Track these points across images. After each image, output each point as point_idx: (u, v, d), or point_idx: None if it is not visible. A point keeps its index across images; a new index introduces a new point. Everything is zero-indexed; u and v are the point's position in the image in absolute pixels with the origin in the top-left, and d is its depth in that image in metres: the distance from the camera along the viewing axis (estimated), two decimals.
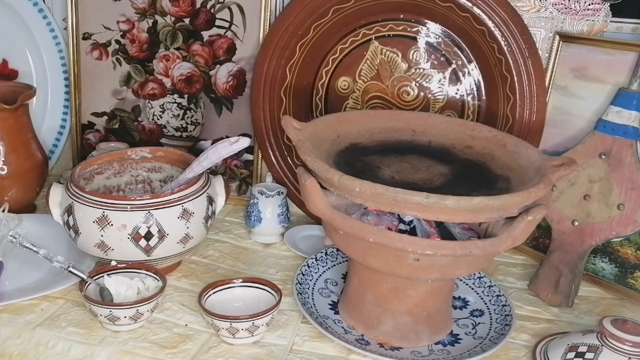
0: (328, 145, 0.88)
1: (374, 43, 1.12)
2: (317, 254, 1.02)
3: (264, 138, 1.17)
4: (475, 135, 0.94)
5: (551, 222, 1.01)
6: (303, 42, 1.12)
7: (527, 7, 1.03)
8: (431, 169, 0.86)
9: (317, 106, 1.18)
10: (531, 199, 0.75)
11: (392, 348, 0.85)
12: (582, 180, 0.98)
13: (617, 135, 0.95)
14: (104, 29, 1.23)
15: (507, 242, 0.78)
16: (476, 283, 0.99)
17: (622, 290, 0.99)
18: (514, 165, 0.86)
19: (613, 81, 0.97)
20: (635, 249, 0.97)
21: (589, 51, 0.99)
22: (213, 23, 1.18)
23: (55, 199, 0.94)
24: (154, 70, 1.23)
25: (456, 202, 0.71)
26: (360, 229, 0.78)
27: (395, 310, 0.85)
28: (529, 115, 1.04)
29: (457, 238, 0.87)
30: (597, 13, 1.01)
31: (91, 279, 0.88)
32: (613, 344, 0.76)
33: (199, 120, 1.24)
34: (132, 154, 1.08)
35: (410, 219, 0.88)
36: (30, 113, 1.15)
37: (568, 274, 0.97)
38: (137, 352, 0.82)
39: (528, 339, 0.89)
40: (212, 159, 0.93)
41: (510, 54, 1.02)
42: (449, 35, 1.08)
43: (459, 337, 0.88)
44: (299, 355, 0.83)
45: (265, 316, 0.82)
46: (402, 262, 0.77)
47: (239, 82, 1.20)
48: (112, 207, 0.89)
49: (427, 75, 1.11)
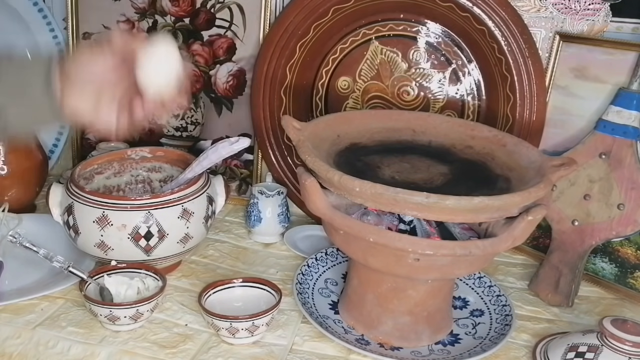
0: (328, 145, 0.88)
1: (374, 43, 1.12)
2: (317, 254, 1.02)
3: (264, 138, 1.17)
4: (476, 135, 0.94)
5: (551, 222, 1.01)
6: (303, 42, 1.12)
7: (527, 7, 1.03)
8: (431, 169, 0.86)
9: (317, 106, 1.18)
10: (531, 199, 0.75)
11: (392, 348, 0.85)
12: (582, 180, 0.98)
13: (617, 135, 0.95)
14: (104, 29, 1.23)
15: (507, 242, 0.78)
16: (476, 283, 0.99)
17: (622, 290, 0.99)
18: (514, 165, 0.86)
19: (613, 81, 0.97)
20: (635, 249, 0.97)
21: (589, 51, 0.99)
22: (213, 23, 1.18)
23: (55, 199, 0.94)
24: None
25: (456, 202, 0.71)
26: (360, 228, 0.78)
27: (395, 310, 0.85)
28: (529, 115, 1.04)
29: (457, 238, 0.87)
30: (597, 13, 1.01)
31: (91, 279, 0.88)
32: (613, 344, 0.76)
33: (199, 120, 1.24)
34: (132, 153, 1.08)
35: (410, 219, 0.88)
36: None
37: (568, 273, 0.97)
38: (137, 352, 0.82)
39: (528, 338, 0.89)
40: (212, 159, 0.93)
41: (510, 53, 1.02)
42: (449, 35, 1.08)
43: (459, 337, 0.88)
44: (299, 355, 0.83)
45: (265, 316, 0.82)
46: (402, 262, 0.77)
47: (239, 82, 1.20)
48: (112, 207, 0.89)
49: (427, 75, 1.11)
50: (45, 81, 0.67)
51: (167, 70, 0.64)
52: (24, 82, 0.68)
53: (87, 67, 0.67)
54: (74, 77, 0.67)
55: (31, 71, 0.69)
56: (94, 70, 0.67)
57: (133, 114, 0.69)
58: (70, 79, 0.67)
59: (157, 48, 0.63)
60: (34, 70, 0.69)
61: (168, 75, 0.64)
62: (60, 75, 0.67)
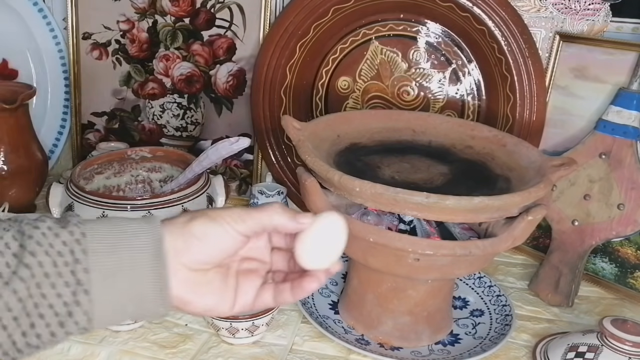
0: (328, 145, 0.88)
1: (374, 43, 1.12)
2: None
3: (264, 138, 1.17)
4: (476, 135, 0.94)
5: (551, 222, 1.01)
6: (303, 42, 1.12)
7: (527, 7, 1.03)
8: (431, 169, 0.86)
9: (317, 106, 1.18)
10: (531, 199, 0.75)
11: (392, 348, 0.85)
12: (582, 180, 0.98)
13: (617, 135, 0.95)
14: (104, 29, 1.23)
15: (507, 242, 0.78)
16: (476, 283, 0.99)
17: (622, 290, 0.99)
18: (514, 165, 0.86)
19: (613, 81, 0.97)
20: (635, 249, 0.97)
21: (589, 51, 0.99)
22: (213, 23, 1.18)
23: (55, 199, 0.94)
24: (154, 70, 1.23)
25: (456, 202, 0.71)
26: (360, 228, 0.78)
27: (395, 310, 0.85)
28: (529, 115, 1.04)
29: (457, 238, 0.87)
30: (597, 13, 1.01)
31: None
32: (613, 344, 0.76)
33: (199, 120, 1.24)
34: (132, 153, 1.08)
35: (410, 219, 0.88)
36: (30, 113, 1.15)
37: (568, 273, 0.97)
38: (137, 351, 0.82)
39: (528, 338, 0.89)
40: (212, 159, 0.93)
41: (510, 53, 1.02)
42: (449, 35, 1.08)
43: (459, 337, 0.88)
44: (299, 355, 0.83)
45: (265, 316, 0.82)
46: (402, 262, 0.77)
47: (239, 82, 1.20)
48: (112, 207, 0.89)
49: (427, 75, 1.11)
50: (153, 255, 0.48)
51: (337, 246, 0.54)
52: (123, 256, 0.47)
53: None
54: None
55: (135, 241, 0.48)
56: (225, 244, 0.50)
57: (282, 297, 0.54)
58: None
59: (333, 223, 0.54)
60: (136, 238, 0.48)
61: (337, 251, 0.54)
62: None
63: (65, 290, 0.45)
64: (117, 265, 0.46)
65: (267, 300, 0.54)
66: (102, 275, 0.46)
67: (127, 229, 0.48)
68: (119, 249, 0.47)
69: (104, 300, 0.46)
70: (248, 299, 0.53)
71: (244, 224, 0.50)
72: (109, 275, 0.46)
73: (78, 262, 0.45)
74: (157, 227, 0.49)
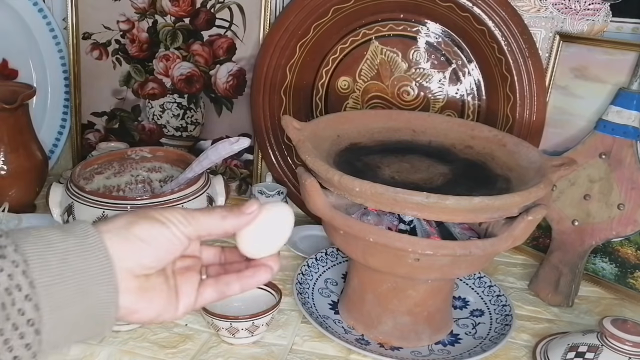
0: (328, 145, 0.88)
1: (374, 43, 1.12)
2: (317, 254, 1.02)
3: (264, 138, 1.17)
4: (476, 135, 0.94)
5: (551, 221, 1.01)
6: (303, 42, 1.12)
7: (527, 7, 1.03)
8: (431, 169, 0.86)
9: (317, 106, 1.18)
10: (531, 199, 0.75)
11: (392, 348, 0.85)
12: (582, 180, 0.98)
13: (617, 135, 0.95)
14: (104, 29, 1.23)
15: (507, 242, 0.78)
16: (476, 283, 0.99)
17: (622, 290, 0.99)
18: (514, 165, 0.86)
19: (613, 81, 0.97)
20: (635, 249, 0.97)
21: (589, 51, 0.99)
22: (213, 23, 1.18)
23: (55, 199, 0.94)
24: (154, 70, 1.23)
25: (456, 202, 0.71)
26: (360, 228, 0.78)
27: (395, 310, 0.85)
28: (529, 115, 1.04)
29: (457, 238, 0.86)
30: (597, 13, 1.01)
31: None
32: (613, 344, 0.76)
33: (199, 120, 1.24)
34: (132, 153, 1.08)
35: (410, 219, 0.88)
36: (30, 113, 1.15)
37: (568, 273, 0.97)
38: (136, 352, 0.82)
39: (528, 338, 0.89)
40: (212, 159, 0.93)
41: (510, 53, 1.02)
42: (449, 35, 1.08)
43: (459, 337, 0.88)
44: (299, 355, 0.83)
45: (265, 316, 0.82)
46: (402, 262, 0.77)
47: (239, 82, 1.20)
48: (112, 207, 0.89)
49: (427, 75, 1.11)
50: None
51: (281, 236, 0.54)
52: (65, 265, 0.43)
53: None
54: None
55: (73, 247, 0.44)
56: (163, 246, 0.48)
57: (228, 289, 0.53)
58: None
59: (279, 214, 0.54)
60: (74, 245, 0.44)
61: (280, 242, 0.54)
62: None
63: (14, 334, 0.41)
64: (66, 296, 0.43)
65: (209, 296, 0.53)
66: (50, 309, 0.42)
67: (67, 246, 0.43)
68: (65, 278, 0.43)
69: (54, 334, 0.43)
70: (190, 298, 0.51)
71: (191, 226, 0.49)
72: (57, 309, 0.42)
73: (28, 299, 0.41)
74: (95, 236, 0.45)
